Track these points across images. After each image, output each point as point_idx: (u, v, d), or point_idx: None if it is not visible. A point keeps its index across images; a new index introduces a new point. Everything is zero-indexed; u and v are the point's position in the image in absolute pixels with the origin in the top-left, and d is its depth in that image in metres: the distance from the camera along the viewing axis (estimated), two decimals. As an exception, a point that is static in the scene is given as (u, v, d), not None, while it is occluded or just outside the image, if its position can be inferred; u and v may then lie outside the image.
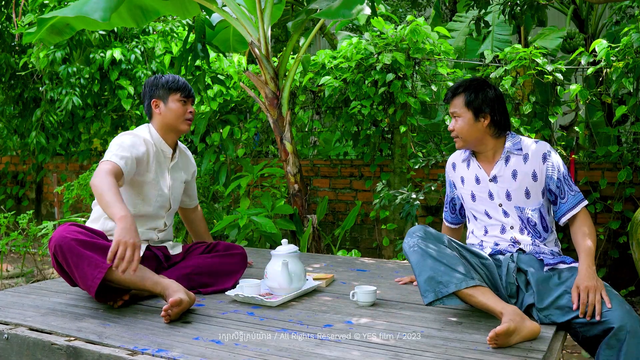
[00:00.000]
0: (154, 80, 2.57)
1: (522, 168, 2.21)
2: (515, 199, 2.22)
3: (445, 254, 2.04)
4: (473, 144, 2.26)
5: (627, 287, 3.96)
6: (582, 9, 5.52)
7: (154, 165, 2.50)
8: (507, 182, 2.23)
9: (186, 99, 2.56)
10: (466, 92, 2.23)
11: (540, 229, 2.22)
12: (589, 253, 2.07)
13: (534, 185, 2.20)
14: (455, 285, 1.96)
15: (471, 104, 2.21)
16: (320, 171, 5.20)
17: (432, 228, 2.18)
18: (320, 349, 1.79)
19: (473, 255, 2.19)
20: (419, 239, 2.08)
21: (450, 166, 2.46)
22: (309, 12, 3.63)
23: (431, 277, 2.00)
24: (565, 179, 2.19)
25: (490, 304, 1.94)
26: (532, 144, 2.24)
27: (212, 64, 5.60)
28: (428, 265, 2.01)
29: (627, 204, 4.02)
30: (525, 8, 4.11)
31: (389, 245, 4.73)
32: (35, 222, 5.77)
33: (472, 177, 2.32)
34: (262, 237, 4.16)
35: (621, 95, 4.22)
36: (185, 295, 2.09)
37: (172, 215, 2.69)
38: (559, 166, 2.20)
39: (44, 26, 3.88)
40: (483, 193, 2.28)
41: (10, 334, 1.98)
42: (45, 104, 5.94)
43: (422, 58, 4.54)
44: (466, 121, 2.22)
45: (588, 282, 1.96)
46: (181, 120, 2.55)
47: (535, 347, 1.80)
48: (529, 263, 2.14)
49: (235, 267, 2.59)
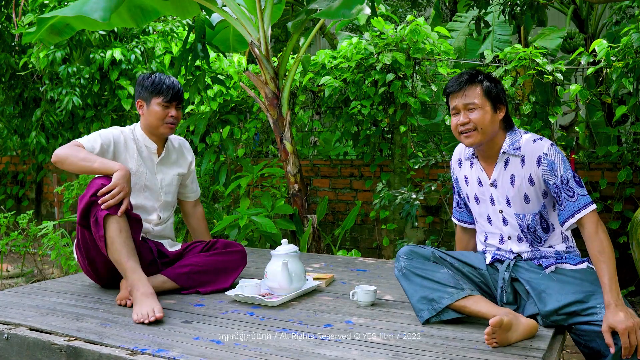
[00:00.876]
0: (141, 80, 2.59)
1: (519, 172, 2.08)
2: (514, 206, 2.11)
3: (433, 270, 2.05)
4: (488, 137, 2.08)
5: (627, 287, 3.96)
6: (582, 9, 5.52)
7: (135, 157, 2.55)
8: (506, 188, 2.11)
9: (169, 103, 2.55)
10: (482, 82, 2.06)
11: (540, 233, 2.11)
12: (611, 280, 1.85)
13: (533, 190, 2.07)
14: (447, 300, 1.97)
15: (490, 93, 2.05)
16: (320, 171, 5.20)
17: (417, 246, 2.15)
18: (320, 348, 1.79)
19: (465, 265, 2.15)
20: (405, 261, 2.10)
21: (456, 162, 2.31)
22: (309, 12, 3.63)
23: (423, 297, 2.02)
24: (565, 183, 1.99)
25: (483, 311, 1.94)
26: (530, 142, 2.06)
27: (212, 64, 5.60)
28: (418, 285, 2.04)
29: (627, 204, 4.02)
30: (525, 8, 4.10)
31: (389, 245, 4.73)
32: (35, 222, 5.77)
33: (474, 179, 2.22)
34: (262, 237, 4.16)
35: (621, 95, 4.21)
36: (150, 307, 2.08)
37: (168, 210, 2.70)
38: (556, 169, 2.01)
39: (44, 26, 3.88)
40: (485, 196, 2.19)
41: (10, 334, 1.98)
42: (45, 104, 5.94)
43: (422, 58, 4.54)
44: (486, 111, 2.04)
45: (626, 322, 1.77)
46: (161, 124, 2.56)
47: (536, 346, 1.80)
48: (527, 271, 2.08)
49: (234, 265, 2.59)
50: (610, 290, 1.85)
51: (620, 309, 1.81)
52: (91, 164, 2.29)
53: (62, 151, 2.33)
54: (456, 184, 2.36)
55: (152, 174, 2.61)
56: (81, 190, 4.60)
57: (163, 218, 2.66)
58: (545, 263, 2.09)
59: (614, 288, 1.85)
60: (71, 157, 2.32)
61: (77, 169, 2.31)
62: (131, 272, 2.20)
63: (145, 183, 2.58)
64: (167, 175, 2.67)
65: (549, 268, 2.07)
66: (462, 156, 2.29)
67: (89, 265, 2.44)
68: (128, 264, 2.20)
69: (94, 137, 2.45)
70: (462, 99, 2.08)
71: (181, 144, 2.79)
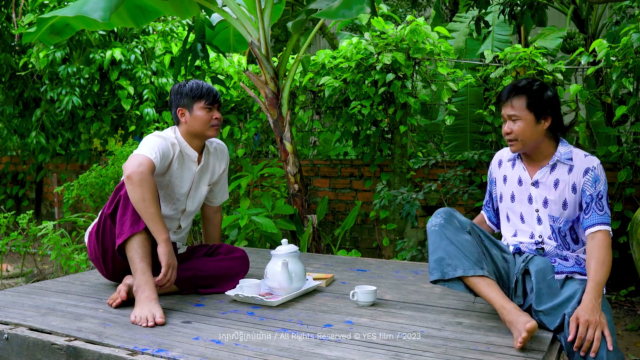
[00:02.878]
0: (178, 88, 2.56)
1: (564, 178, 2.15)
2: (551, 208, 2.16)
3: (462, 239, 2.05)
4: (531, 147, 2.18)
5: (627, 287, 3.96)
6: (582, 9, 5.52)
7: (175, 166, 2.51)
8: (548, 190, 2.17)
9: (211, 106, 2.53)
10: (528, 93, 2.15)
11: (569, 241, 2.17)
12: (597, 283, 1.95)
13: (573, 198, 2.14)
14: (462, 271, 1.98)
15: (533, 105, 2.13)
16: (320, 171, 5.20)
17: (458, 212, 2.16)
18: (320, 349, 1.79)
19: (495, 246, 2.17)
20: (441, 220, 2.10)
21: (496, 163, 2.38)
22: (309, 12, 3.63)
23: (442, 258, 2.03)
24: (599, 198, 2.09)
25: (491, 297, 1.95)
26: (582, 156, 2.16)
27: (212, 64, 5.60)
28: (442, 246, 2.04)
29: (627, 204, 4.02)
30: (525, 8, 4.10)
31: (389, 245, 4.73)
32: (35, 222, 5.77)
33: (515, 178, 2.27)
34: (262, 237, 4.16)
35: (621, 95, 4.21)
36: (150, 312, 2.09)
37: (189, 219, 2.68)
38: (598, 184, 2.11)
39: (44, 26, 3.88)
40: (523, 195, 2.23)
41: (10, 334, 1.98)
42: (45, 104, 5.94)
43: (422, 58, 4.54)
44: (527, 123, 2.13)
45: (590, 316, 1.86)
46: (207, 127, 2.53)
47: (535, 347, 1.80)
48: (540, 265, 2.10)
49: (236, 271, 2.60)
50: (593, 289, 1.93)
51: (594, 306, 1.89)
52: (143, 214, 2.24)
53: (137, 178, 2.24)
54: (490, 185, 2.44)
55: (184, 184, 2.57)
56: (81, 190, 4.60)
57: (184, 227, 2.66)
58: (560, 268, 2.11)
59: (597, 290, 1.93)
60: (137, 192, 2.24)
61: (133, 201, 2.25)
62: (141, 273, 2.20)
63: (178, 197, 2.56)
64: (200, 185, 2.64)
65: (560, 275, 2.09)
66: (503, 157, 2.36)
67: (101, 254, 2.43)
68: (140, 265, 2.21)
69: (156, 156, 2.36)
70: (507, 109, 2.18)
71: (218, 148, 2.73)
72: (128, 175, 2.24)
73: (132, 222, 2.24)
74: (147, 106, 5.45)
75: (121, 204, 2.28)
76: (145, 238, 2.24)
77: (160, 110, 5.71)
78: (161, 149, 2.38)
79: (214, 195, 2.80)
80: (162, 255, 2.23)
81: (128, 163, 2.28)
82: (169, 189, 2.52)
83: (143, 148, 2.35)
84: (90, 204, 4.67)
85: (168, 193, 2.53)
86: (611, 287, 4.05)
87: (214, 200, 2.82)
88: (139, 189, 2.23)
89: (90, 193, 4.59)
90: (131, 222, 2.24)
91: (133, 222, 2.24)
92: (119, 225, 2.27)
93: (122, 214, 2.27)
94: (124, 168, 2.28)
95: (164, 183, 2.50)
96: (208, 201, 2.81)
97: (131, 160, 2.28)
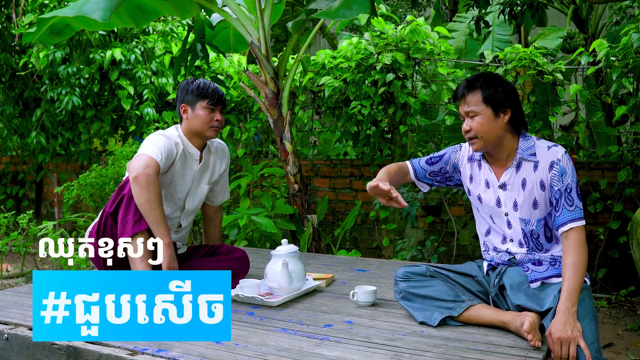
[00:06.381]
0: (185, 85, 2.56)
1: (531, 177, 2.06)
2: (521, 210, 2.09)
3: (431, 286, 2.08)
4: (493, 143, 2.08)
5: (627, 287, 3.96)
6: (582, 9, 5.52)
7: (177, 165, 2.51)
8: (516, 191, 2.09)
9: (214, 106, 2.53)
10: (483, 87, 2.05)
11: (542, 241, 2.09)
12: (571, 292, 1.86)
13: (543, 195, 2.06)
14: (448, 312, 2.01)
15: (490, 98, 2.04)
16: (320, 171, 5.20)
17: (411, 266, 2.17)
18: (320, 349, 1.79)
19: (461, 275, 2.16)
20: (402, 284, 2.13)
21: (467, 154, 2.24)
22: (309, 12, 3.63)
23: (427, 317, 2.05)
24: (568, 192, 2.01)
25: (488, 318, 1.98)
26: (545, 149, 2.07)
27: (212, 64, 5.60)
28: (419, 305, 2.08)
29: (627, 204, 4.01)
30: (525, 8, 4.10)
31: (389, 245, 4.73)
32: (35, 222, 5.76)
33: (482, 180, 2.19)
34: (262, 237, 4.16)
35: (621, 95, 4.21)
36: None
37: (190, 217, 2.68)
38: (565, 177, 2.02)
39: (44, 26, 3.88)
40: (491, 198, 2.16)
41: (10, 334, 1.98)
42: (45, 104, 5.94)
43: (422, 58, 4.54)
44: (486, 118, 2.04)
45: (562, 333, 1.78)
46: (207, 128, 2.53)
47: (536, 347, 1.81)
48: (514, 278, 2.06)
49: (237, 272, 2.60)
50: (567, 299, 1.86)
51: (567, 319, 1.81)
52: (147, 216, 2.26)
53: (144, 180, 2.25)
54: (446, 162, 2.29)
55: (185, 183, 2.57)
56: (81, 190, 4.60)
57: (184, 226, 2.66)
58: (534, 276, 2.05)
59: (571, 298, 1.86)
60: (143, 195, 2.26)
61: (138, 202, 2.26)
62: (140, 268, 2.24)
63: (178, 195, 2.56)
64: (201, 184, 2.64)
65: (535, 283, 2.04)
66: (472, 155, 2.25)
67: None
68: (141, 265, 2.25)
69: (161, 157, 2.36)
70: (464, 107, 2.09)
71: (219, 148, 2.73)
72: (135, 176, 2.25)
73: (135, 221, 2.25)
74: (147, 106, 5.45)
75: (124, 203, 2.28)
76: (147, 238, 2.24)
77: (160, 110, 5.71)
78: (166, 148, 2.39)
79: (215, 194, 2.79)
80: (164, 258, 2.24)
81: (134, 163, 2.28)
82: (170, 188, 2.52)
83: (148, 148, 2.34)
84: (90, 204, 4.67)
85: (169, 191, 2.53)
86: (611, 287, 4.05)
87: (215, 200, 2.81)
88: (145, 191, 2.24)
89: (90, 193, 4.58)
90: (133, 221, 2.25)
91: (135, 221, 2.25)
92: (121, 224, 2.27)
93: (124, 214, 2.27)
94: (130, 168, 2.28)
95: (166, 181, 2.50)
96: (209, 200, 2.80)
97: (137, 161, 2.28)
